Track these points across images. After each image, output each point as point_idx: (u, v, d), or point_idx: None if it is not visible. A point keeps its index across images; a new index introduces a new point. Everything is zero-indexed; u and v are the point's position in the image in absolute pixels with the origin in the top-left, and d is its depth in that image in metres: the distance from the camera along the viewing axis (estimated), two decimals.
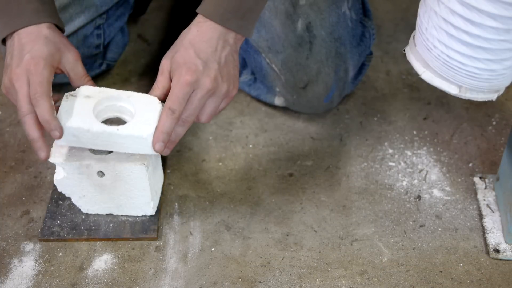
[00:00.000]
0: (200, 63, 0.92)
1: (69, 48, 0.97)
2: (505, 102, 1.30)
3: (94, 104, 0.94)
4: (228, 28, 0.94)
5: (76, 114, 0.93)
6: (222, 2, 0.93)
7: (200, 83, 0.91)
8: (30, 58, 0.91)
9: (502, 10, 0.77)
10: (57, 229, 1.07)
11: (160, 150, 0.93)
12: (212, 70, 0.92)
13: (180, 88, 0.91)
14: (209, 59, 0.93)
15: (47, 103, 0.89)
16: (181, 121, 0.94)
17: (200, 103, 0.93)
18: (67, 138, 0.93)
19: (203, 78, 0.92)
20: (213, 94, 0.94)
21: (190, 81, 0.91)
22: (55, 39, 0.95)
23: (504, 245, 1.05)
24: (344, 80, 1.22)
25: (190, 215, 1.10)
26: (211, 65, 0.93)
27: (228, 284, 1.01)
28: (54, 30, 0.97)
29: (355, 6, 1.21)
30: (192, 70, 0.91)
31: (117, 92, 0.97)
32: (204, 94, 0.92)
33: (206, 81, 0.92)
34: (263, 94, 1.28)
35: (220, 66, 0.93)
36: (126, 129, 0.93)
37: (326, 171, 1.18)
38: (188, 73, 0.91)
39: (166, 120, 0.92)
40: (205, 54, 0.93)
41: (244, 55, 1.26)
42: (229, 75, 0.95)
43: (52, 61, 0.93)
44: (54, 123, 0.90)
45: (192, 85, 0.91)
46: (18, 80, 0.91)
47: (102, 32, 1.26)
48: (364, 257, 1.04)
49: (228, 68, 0.95)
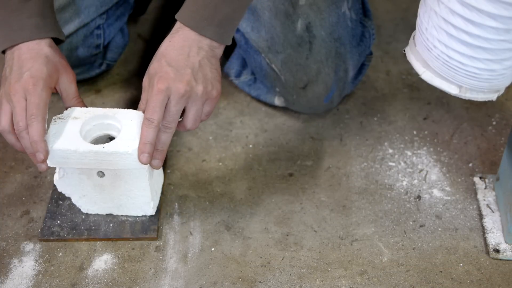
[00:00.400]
0: (171, 70, 0.92)
1: (67, 69, 1.00)
2: (505, 102, 1.30)
3: (81, 125, 0.97)
4: (202, 35, 0.94)
5: (64, 136, 0.96)
6: (198, 9, 0.94)
7: (172, 89, 0.91)
8: (29, 77, 0.94)
9: (502, 10, 0.77)
10: (57, 229, 1.07)
11: (146, 161, 0.94)
12: (185, 75, 0.92)
13: (154, 97, 0.92)
14: (180, 65, 0.93)
15: (40, 126, 0.92)
16: (163, 129, 0.94)
17: (177, 109, 0.93)
18: (56, 160, 0.96)
19: (175, 83, 0.91)
20: (189, 97, 0.93)
21: (162, 89, 0.91)
22: (55, 59, 0.98)
23: (504, 245, 1.05)
24: (344, 80, 1.22)
25: (190, 215, 1.10)
26: (183, 70, 0.93)
27: (228, 284, 1.01)
28: (55, 49, 0.99)
29: (355, 6, 1.21)
30: (164, 78, 0.92)
31: (103, 111, 0.99)
32: (178, 99, 0.92)
33: (178, 86, 0.91)
34: (263, 94, 1.28)
35: (194, 70, 0.93)
36: (112, 146, 0.95)
37: (326, 171, 1.18)
38: (160, 81, 0.92)
39: (146, 130, 0.93)
40: (176, 62, 0.93)
41: (244, 55, 1.26)
42: (205, 78, 0.94)
43: (50, 83, 0.95)
44: (41, 145, 0.92)
45: (165, 92, 0.91)
46: (15, 95, 0.93)
47: (102, 32, 1.26)
48: (364, 257, 1.04)
49: (204, 72, 0.94)
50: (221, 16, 0.94)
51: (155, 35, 1.47)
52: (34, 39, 0.97)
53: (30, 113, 0.92)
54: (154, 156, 0.95)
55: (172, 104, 0.92)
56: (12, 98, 0.93)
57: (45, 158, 0.93)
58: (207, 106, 0.96)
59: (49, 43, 0.98)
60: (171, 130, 0.94)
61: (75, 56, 1.25)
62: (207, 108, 0.96)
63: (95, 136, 1.00)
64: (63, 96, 1.00)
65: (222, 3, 0.93)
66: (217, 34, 0.95)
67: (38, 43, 0.97)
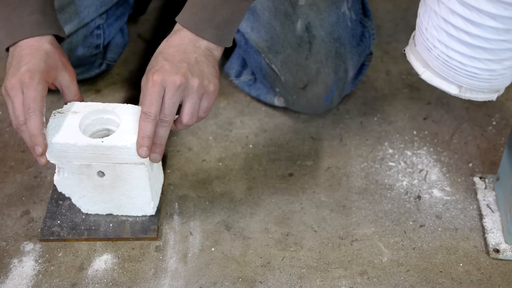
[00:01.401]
0: (167, 64, 0.92)
1: (67, 67, 1.00)
2: (505, 102, 1.30)
3: (81, 119, 0.98)
4: (200, 37, 0.95)
5: (63, 130, 0.96)
6: (197, 12, 0.94)
7: (167, 81, 0.91)
8: (26, 70, 0.94)
9: (502, 10, 0.77)
10: (57, 229, 1.07)
11: (145, 155, 0.94)
12: (181, 68, 0.92)
13: (150, 90, 0.92)
14: (176, 59, 0.93)
15: (38, 120, 0.92)
16: (160, 122, 0.93)
17: (173, 101, 0.92)
18: (55, 154, 0.97)
19: (171, 75, 0.91)
20: (184, 89, 0.92)
21: (157, 81, 0.91)
22: (55, 56, 0.98)
23: (504, 245, 1.05)
24: (344, 80, 1.22)
25: (190, 215, 1.10)
26: (179, 64, 0.93)
27: (228, 284, 1.01)
28: (55, 46, 0.99)
29: (354, 6, 1.21)
30: (159, 71, 0.92)
31: (102, 105, 1.00)
32: (174, 90, 0.92)
33: (174, 77, 0.91)
34: (263, 94, 1.28)
35: (190, 65, 0.93)
36: (111, 140, 0.95)
37: (326, 171, 1.18)
38: (155, 74, 0.92)
39: (143, 124, 0.92)
40: (172, 57, 0.93)
41: (244, 56, 1.26)
42: (201, 72, 0.94)
43: (47, 77, 0.95)
44: (39, 139, 0.92)
45: (161, 84, 0.91)
46: (12, 90, 0.93)
47: (102, 32, 1.26)
48: (364, 257, 1.04)
49: (200, 67, 0.94)
50: (220, 18, 0.94)
51: (155, 35, 1.47)
52: (34, 36, 0.97)
53: (27, 107, 0.92)
54: (153, 150, 0.95)
55: (168, 96, 0.92)
56: (9, 93, 0.94)
57: (44, 152, 0.93)
58: (204, 101, 0.95)
59: (49, 40, 0.98)
60: (168, 123, 0.94)
61: (75, 56, 1.25)
62: (205, 103, 0.96)
63: (94, 131, 1.01)
64: (64, 93, 1.00)
65: (221, 5, 0.93)
66: (216, 36, 0.95)
67: (39, 40, 0.97)
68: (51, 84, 0.97)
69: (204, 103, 0.96)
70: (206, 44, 0.95)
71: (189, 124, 0.96)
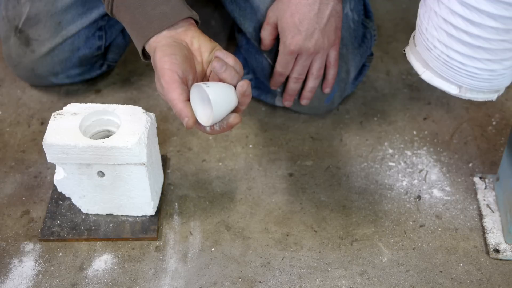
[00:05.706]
0: (303, 31, 1.06)
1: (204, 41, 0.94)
2: (505, 102, 1.30)
3: (81, 120, 0.98)
4: None
5: (63, 132, 0.97)
6: None
7: (303, 49, 1.08)
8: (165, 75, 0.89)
9: (502, 10, 0.77)
10: (57, 229, 1.07)
11: (289, 105, 1.22)
12: (314, 35, 1.07)
13: (285, 56, 1.10)
14: (311, 25, 1.06)
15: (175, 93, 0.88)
16: (294, 79, 1.14)
17: (305, 63, 1.12)
18: (56, 155, 0.97)
19: (306, 44, 1.07)
20: (316, 54, 1.10)
21: (293, 50, 1.09)
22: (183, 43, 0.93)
23: (504, 245, 1.05)
24: (345, 81, 1.22)
25: (190, 215, 1.10)
26: (313, 32, 1.06)
27: (228, 284, 1.01)
28: (188, 31, 0.94)
29: (357, 8, 1.21)
30: (295, 40, 1.07)
31: (102, 106, 1.01)
32: (307, 57, 1.10)
33: (308, 46, 1.08)
34: (263, 94, 1.28)
35: (322, 29, 1.07)
36: (111, 141, 0.96)
37: (326, 171, 1.18)
38: (292, 43, 1.07)
39: (293, 85, 1.16)
40: (308, 21, 1.06)
41: (246, 55, 1.26)
42: (330, 33, 1.08)
43: (183, 75, 0.90)
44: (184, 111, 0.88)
45: (295, 52, 1.09)
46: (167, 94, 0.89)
47: (103, 33, 1.27)
48: (364, 257, 1.04)
49: (330, 27, 1.08)
50: None
51: None
52: (164, 29, 0.93)
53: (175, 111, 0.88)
54: (288, 99, 1.20)
55: (302, 60, 1.11)
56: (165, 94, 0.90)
57: (192, 121, 0.88)
58: (332, 54, 1.12)
59: (185, 27, 0.94)
60: (301, 80, 1.15)
61: (76, 57, 1.25)
62: (333, 55, 1.13)
63: (95, 132, 1.01)
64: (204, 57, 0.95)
65: None
66: None
67: (169, 31, 0.93)
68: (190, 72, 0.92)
69: (332, 55, 1.13)
70: None
71: (317, 80, 1.16)
